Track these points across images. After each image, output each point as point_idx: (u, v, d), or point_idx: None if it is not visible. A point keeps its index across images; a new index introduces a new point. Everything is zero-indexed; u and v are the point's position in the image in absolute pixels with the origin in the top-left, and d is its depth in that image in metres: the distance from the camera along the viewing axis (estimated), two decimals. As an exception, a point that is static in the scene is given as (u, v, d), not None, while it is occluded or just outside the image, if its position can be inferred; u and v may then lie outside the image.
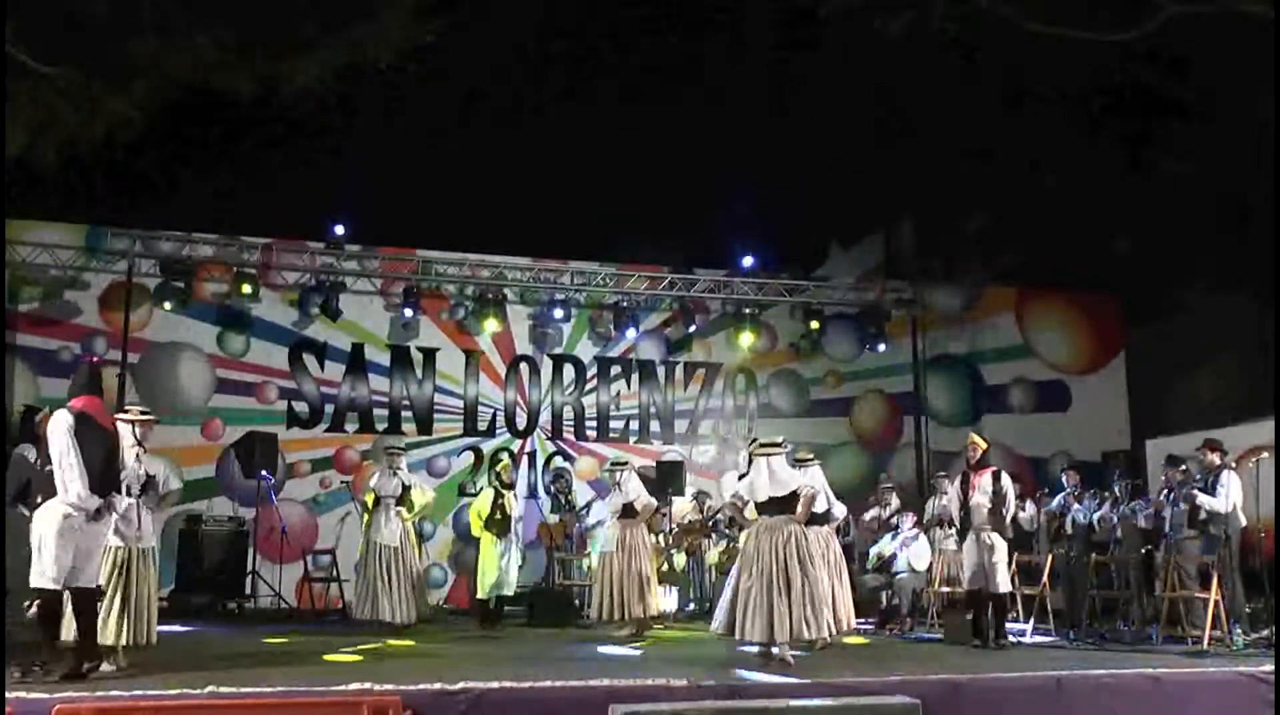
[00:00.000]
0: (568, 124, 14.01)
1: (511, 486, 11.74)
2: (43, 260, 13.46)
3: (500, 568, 11.28)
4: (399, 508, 10.83)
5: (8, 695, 5.59)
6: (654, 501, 11.40)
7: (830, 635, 8.58)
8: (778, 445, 8.65)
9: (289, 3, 10.36)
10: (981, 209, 14.46)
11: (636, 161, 13.93)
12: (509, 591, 11.49)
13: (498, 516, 11.33)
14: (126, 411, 7.53)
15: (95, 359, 11.27)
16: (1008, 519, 9.89)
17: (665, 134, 14.11)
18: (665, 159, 14.17)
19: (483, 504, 11.49)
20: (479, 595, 11.53)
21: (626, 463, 11.78)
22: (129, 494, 7.19)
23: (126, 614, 7.10)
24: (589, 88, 13.86)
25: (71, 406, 6.82)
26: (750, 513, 8.81)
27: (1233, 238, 13.12)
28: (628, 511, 10.71)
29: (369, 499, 11.10)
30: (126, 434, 7.29)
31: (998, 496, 9.81)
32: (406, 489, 10.87)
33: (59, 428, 6.67)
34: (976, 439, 10.27)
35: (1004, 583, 9.72)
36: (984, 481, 9.90)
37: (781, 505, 8.44)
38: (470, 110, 13.85)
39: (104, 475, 6.80)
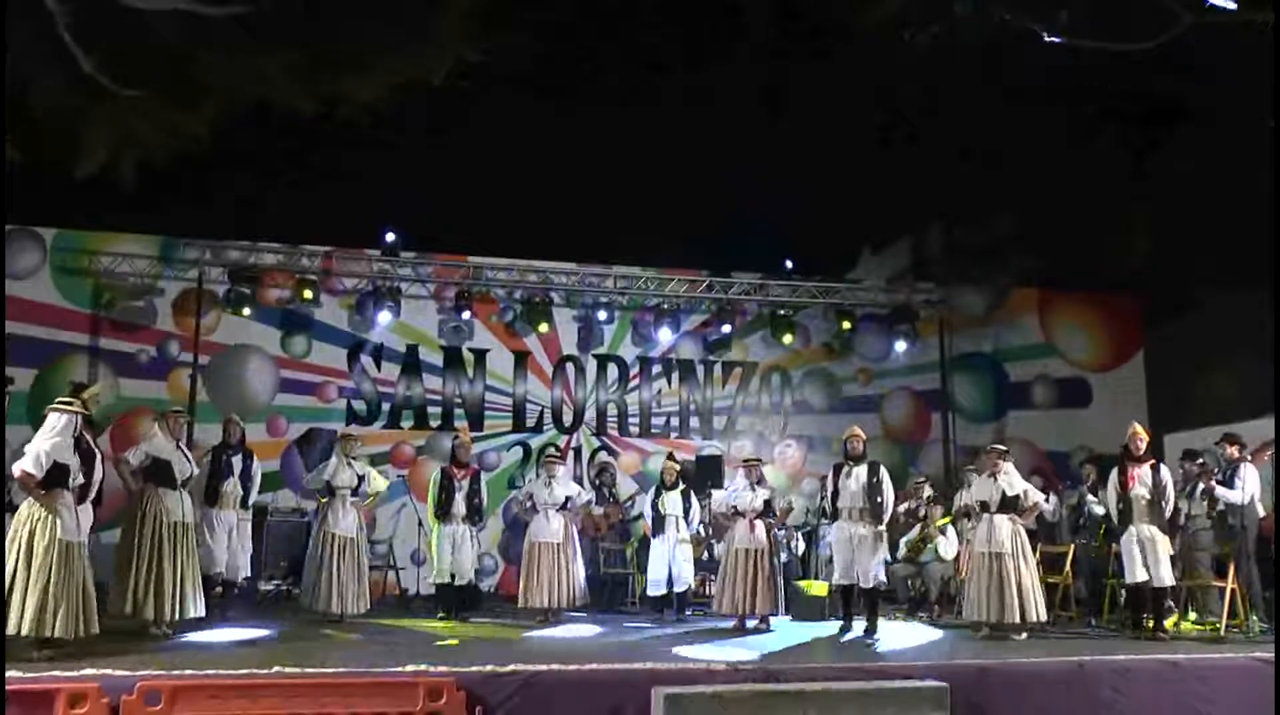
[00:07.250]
0: (610, 137, 14.02)
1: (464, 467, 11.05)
2: (122, 269, 13.71)
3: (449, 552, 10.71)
4: (354, 498, 10.29)
5: (95, 672, 5.69)
6: (591, 496, 11.60)
7: (1039, 618, 9.20)
8: (1004, 453, 9.65)
9: (347, 25, 10.47)
10: (1005, 213, 14.35)
11: (676, 171, 13.93)
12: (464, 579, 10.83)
13: (443, 498, 10.77)
14: (70, 403, 7.18)
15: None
16: (1167, 512, 9.29)
17: (702, 145, 14.09)
18: (704, 168, 14.16)
19: (434, 489, 10.93)
20: (435, 580, 10.97)
21: (560, 457, 11.85)
22: (67, 487, 7.00)
23: (69, 605, 6.74)
24: (629, 101, 13.87)
25: None
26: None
27: (1250, 236, 12.95)
28: (565, 504, 10.56)
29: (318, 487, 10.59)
30: (68, 426, 7.06)
31: (1158, 489, 9.26)
32: (361, 479, 10.36)
33: None
34: (1139, 429, 9.61)
35: (1167, 576, 9.17)
36: (1144, 473, 9.36)
37: (1008, 505, 9.39)
38: (516, 122, 13.91)
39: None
